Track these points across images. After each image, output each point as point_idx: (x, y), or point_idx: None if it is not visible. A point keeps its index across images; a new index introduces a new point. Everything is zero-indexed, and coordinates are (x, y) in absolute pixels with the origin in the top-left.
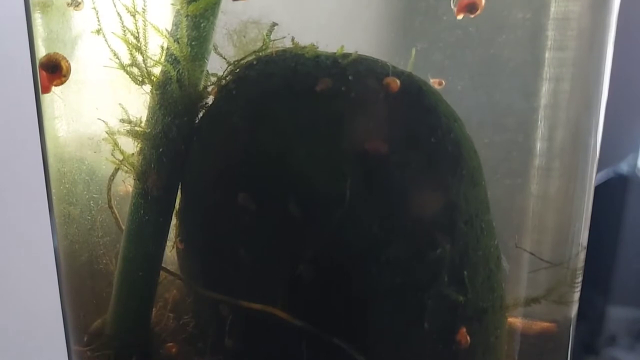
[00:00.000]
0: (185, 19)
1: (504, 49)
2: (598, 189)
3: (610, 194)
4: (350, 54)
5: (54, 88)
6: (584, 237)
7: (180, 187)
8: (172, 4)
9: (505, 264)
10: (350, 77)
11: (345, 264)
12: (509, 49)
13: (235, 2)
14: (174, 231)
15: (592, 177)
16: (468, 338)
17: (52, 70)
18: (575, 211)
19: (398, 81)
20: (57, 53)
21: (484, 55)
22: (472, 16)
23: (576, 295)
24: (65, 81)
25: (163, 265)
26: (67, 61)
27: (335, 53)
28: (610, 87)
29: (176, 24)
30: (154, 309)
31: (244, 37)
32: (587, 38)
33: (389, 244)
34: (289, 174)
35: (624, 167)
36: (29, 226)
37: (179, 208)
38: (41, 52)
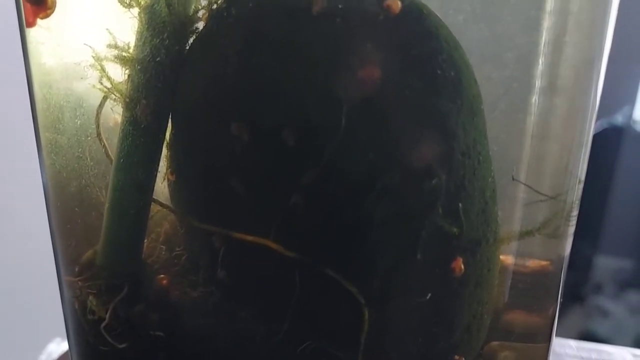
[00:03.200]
0: None
1: None
2: (593, 139)
3: (604, 145)
4: None
5: (39, 21)
6: (582, 170)
7: (171, 115)
8: None
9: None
10: None
11: (340, 194)
12: None
13: None
14: (165, 162)
15: (594, 111)
16: (462, 267)
17: (37, 3)
18: (575, 144)
19: (399, 2)
20: None
21: None
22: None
23: (571, 229)
24: (50, 14)
25: (155, 197)
26: None
27: None
28: None
29: None
30: (145, 241)
31: None
32: None
33: (384, 172)
34: (283, 100)
35: (619, 118)
36: (14, 155)
37: (169, 138)
38: None
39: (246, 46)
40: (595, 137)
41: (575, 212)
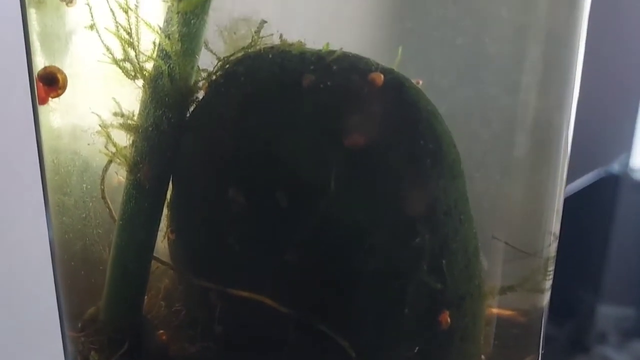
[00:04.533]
0: (177, 15)
1: (487, 47)
2: (590, 188)
3: (602, 193)
4: (334, 51)
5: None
6: (556, 227)
7: (171, 178)
8: (164, 1)
9: (485, 261)
10: (334, 73)
11: (329, 252)
12: (492, 47)
13: None
14: (165, 222)
15: (564, 170)
16: (449, 320)
17: (49, 83)
18: (548, 203)
19: (382, 76)
20: (54, 66)
21: (468, 52)
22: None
23: (548, 284)
24: (62, 93)
25: (155, 255)
26: (63, 74)
27: (320, 50)
28: (602, 88)
29: (168, 21)
30: (146, 297)
31: (234, 33)
32: (559, 39)
33: (371, 232)
34: (276, 165)
35: (616, 167)
36: (24, 215)
37: (170, 199)
38: (36, 46)
39: (242, 114)
40: (593, 185)
41: (552, 267)
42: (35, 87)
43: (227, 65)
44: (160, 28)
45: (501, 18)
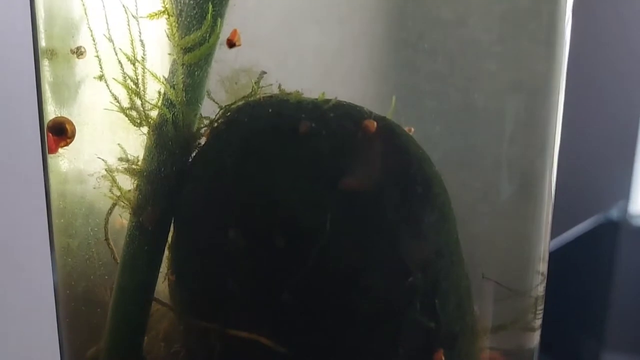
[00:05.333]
0: (182, 67)
1: (476, 99)
2: (589, 234)
3: (601, 240)
4: (330, 100)
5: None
6: (543, 267)
7: (173, 221)
8: (170, 54)
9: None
10: (329, 120)
11: (325, 292)
12: (481, 99)
13: (228, 50)
14: (166, 263)
15: (549, 212)
16: (443, 358)
17: (58, 133)
18: (535, 245)
19: (375, 123)
20: (63, 117)
21: (458, 103)
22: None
23: (538, 323)
24: (70, 142)
25: (155, 296)
26: (72, 124)
27: (317, 99)
28: (600, 135)
29: (173, 72)
30: (146, 338)
31: (235, 83)
32: (537, 92)
33: (365, 273)
34: (274, 209)
35: (614, 213)
36: (30, 258)
37: (171, 241)
38: (47, 95)
39: (241, 159)
40: (592, 231)
41: (541, 307)
42: (45, 136)
43: (228, 113)
44: (165, 78)
45: (488, 72)
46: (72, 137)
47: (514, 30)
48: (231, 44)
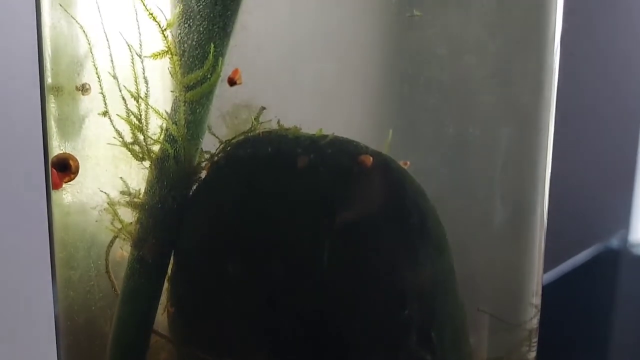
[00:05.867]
0: (184, 104)
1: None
2: (589, 263)
3: (601, 269)
4: (327, 135)
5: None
6: (537, 300)
7: (173, 253)
8: (172, 92)
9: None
10: (326, 155)
11: (323, 323)
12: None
13: (229, 87)
14: (166, 295)
15: (542, 244)
16: None
17: (62, 169)
18: (529, 278)
19: (371, 158)
20: (67, 153)
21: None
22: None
23: (532, 355)
24: (74, 178)
25: (155, 328)
26: (75, 160)
27: (314, 134)
28: (599, 163)
29: (175, 109)
30: None
31: (236, 118)
32: (530, 118)
33: (362, 304)
34: (272, 241)
35: (615, 242)
36: (32, 289)
37: (171, 273)
38: (53, 131)
39: (241, 193)
40: (592, 260)
41: (535, 339)
42: (50, 171)
43: (229, 148)
44: (167, 114)
45: (480, 104)
46: (76, 172)
47: (506, 66)
48: (232, 82)
